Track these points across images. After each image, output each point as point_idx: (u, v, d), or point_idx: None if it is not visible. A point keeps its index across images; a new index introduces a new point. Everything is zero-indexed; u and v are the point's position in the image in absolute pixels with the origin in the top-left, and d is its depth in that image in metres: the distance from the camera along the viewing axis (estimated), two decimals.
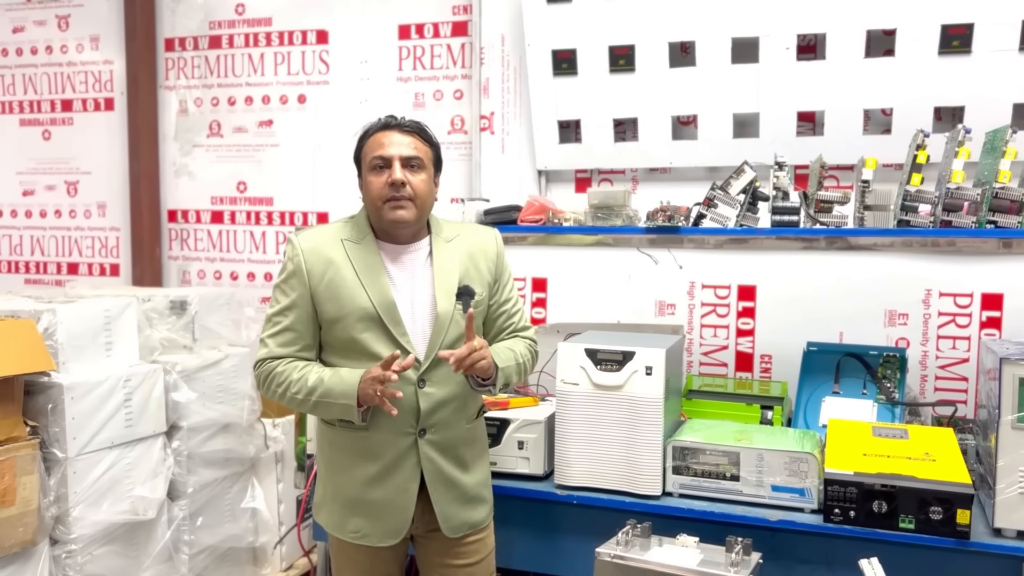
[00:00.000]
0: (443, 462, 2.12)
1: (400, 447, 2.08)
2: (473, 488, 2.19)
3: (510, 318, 2.25)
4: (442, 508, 2.13)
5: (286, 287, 2.09)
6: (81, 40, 4.53)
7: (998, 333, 3.09)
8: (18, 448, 2.61)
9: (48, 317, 2.78)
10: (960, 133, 2.38)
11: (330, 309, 2.06)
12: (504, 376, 2.11)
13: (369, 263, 2.08)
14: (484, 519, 2.24)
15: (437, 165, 2.16)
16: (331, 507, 2.17)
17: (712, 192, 2.57)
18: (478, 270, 2.16)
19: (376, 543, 2.12)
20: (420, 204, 2.08)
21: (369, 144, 2.10)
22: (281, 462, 3.75)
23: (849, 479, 2.19)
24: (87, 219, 4.62)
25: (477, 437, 2.26)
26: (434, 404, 2.08)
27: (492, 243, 2.24)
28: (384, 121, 2.11)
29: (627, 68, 3.35)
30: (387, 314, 2.04)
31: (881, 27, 3.05)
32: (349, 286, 2.05)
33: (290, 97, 4.17)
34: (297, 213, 4.21)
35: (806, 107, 3.19)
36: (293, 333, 2.08)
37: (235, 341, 3.58)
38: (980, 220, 2.32)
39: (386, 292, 2.06)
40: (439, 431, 2.11)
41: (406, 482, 2.09)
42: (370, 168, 2.09)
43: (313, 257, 2.08)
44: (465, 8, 3.80)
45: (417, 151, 2.07)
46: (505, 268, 2.26)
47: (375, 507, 2.10)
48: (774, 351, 3.35)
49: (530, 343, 2.27)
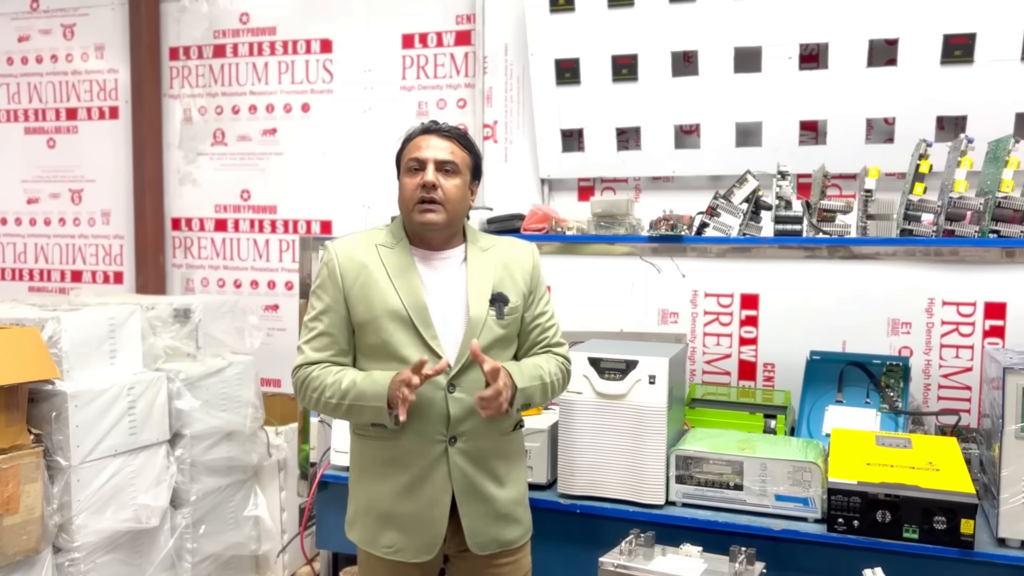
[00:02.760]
0: (474, 473, 2.05)
1: (430, 455, 2.03)
2: (506, 505, 2.10)
3: (544, 332, 2.18)
4: (471, 522, 2.05)
5: (321, 292, 2.09)
6: (86, 49, 4.55)
7: (1001, 342, 3.09)
8: (22, 456, 2.62)
9: (52, 325, 2.79)
10: (963, 143, 2.38)
11: (361, 311, 2.05)
12: (525, 397, 2.03)
13: (402, 266, 2.07)
14: (517, 539, 2.14)
15: (475, 173, 2.14)
16: (363, 521, 2.12)
17: (715, 201, 2.57)
18: (513, 280, 2.12)
19: (409, 559, 2.05)
20: (451, 209, 2.05)
21: (408, 148, 2.10)
22: (284, 470, 3.75)
23: (853, 488, 2.19)
24: (91, 227, 4.63)
25: (513, 452, 2.16)
26: (464, 410, 2.02)
27: (529, 256, 2.19)
28: (425, 126, 2.11)
29: (630, 77, 3.36)
30: (418, 316, 2.02)
31: (883, 36, 3.05)
32: (381, 288, 2.04)
33: (294, 106, 4.19)
34: (301, 221, 4.21)
35: (809, 116, 3.20)
36: (328, 338, 2.07)
37: (238, 349, 3.58)
38: (983, 229, 2.32)
39: (418, 294, 2.04)
40: (470, 440, 2.04)
41: (437, 494, 2.03)
42: (406, 170, 2.08)
43: (347, 261, 2.07)
44: (468, 17, 3.82)
45: (453, 156, 2.05)
46: (541, 282, 2.21)
47: (407, 520, 2.05)
48: (777, 360, 3.35)
49: (563, 361, 2.18)
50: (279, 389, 4.17)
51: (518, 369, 2.05)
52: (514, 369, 2.03)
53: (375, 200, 4.00)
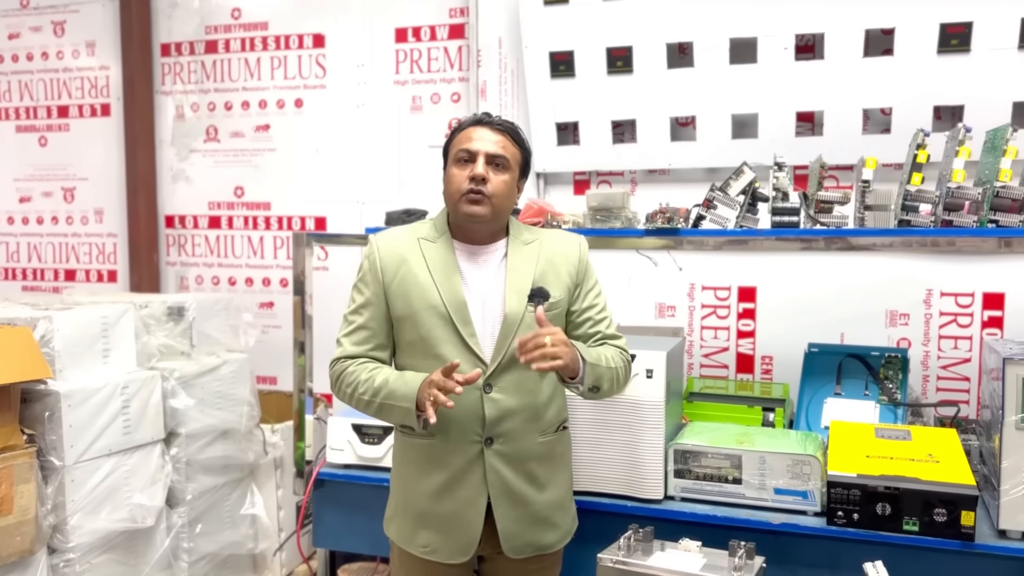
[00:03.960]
0: (511, 476, 2.02)
1: (466, 456, 2.01)
2: (544, 509, 2.08)
3: (596, 325, 2.11)
4: (505, 526, 2.03)
5: (361, 285, 2.08)
6: (77, 46, 4.52)
7: (1000, 333, 3.08)
8: (15, 457, 2.60)
9: (45, 324, 2.76)
10: (960, 132, 2.37)
11: (400, 305, 2.03)
12: (594, 374, 1.95)
13: (443, 261, 2.03)
14: (553, 544, 2.12)
15: (524, 170, 2.10)
16: (401, 519, 2.11)
17: (711, 193, 2.56)
18: (557, 274, 2.08)
19: (445, 559, 2.04)
20: (497, 204, 2.01)
21: (459, 138, 2.05)
22: (280, 468, 3.73)
23: (852, 481, 2.18)
24: (84, 225, 4.60)
25: (555, 453, 2.13)
26: (501, 412, 2.00)
27: (575, 248, 2.14)
28: (478, 117, 2.06)
29: (625, 69, 3.34)
30: (457, 313, 1.99)
31: (880, 26, 3.04)
32: (421, 283, 2.01)
33: (287, 101, 4.16)
34: (295, 218, 4.19)
35: (805, 107, 3.18)
36: (367, 331, 2.05)
37: (233, 347, 3.57)
38: (981, 219, 2.30)
39: (457, 291, 2.01)
40: (507, 442, 2.02)
41: (473, 495, 2.02)
42: (455, 160, 2.03)
43: (388, 255, 2.05)
44: (462, 11, 3.79)
45: (504, 151, 2.01)
46: (590, 274, 2.16)
47: (443, 521, 2.03)
48: (775, 353, 3.34)
49: (622, 351, 2.10)
50: (274, 387, 4.15)
51: (583, 347, 1.99)
52: (580, 346, 1.98)
53: (370, 195, 3.97)
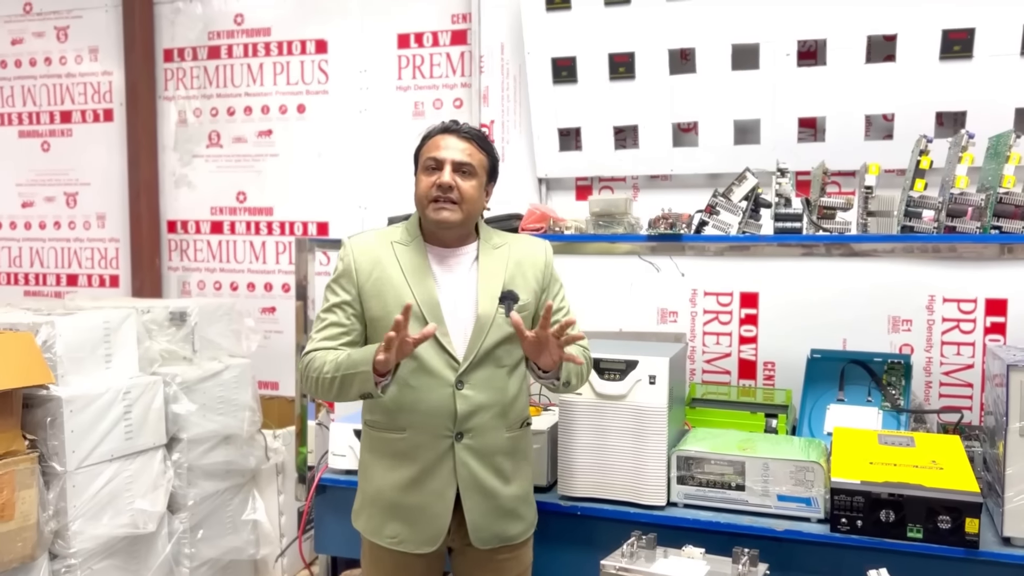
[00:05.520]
0: (480, 469, 2.09)
1: (436, 451, 2.07)
2: (510, 501, 2.15)
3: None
4: (474, 518, 2.10)
5: (335, 286, 2.14)
6: (80, 51, 4.53)
7: (1003, 339, 3.08)
8: (16, 462, 2.60)
9: (47, 330, 2.76)
10: (963, 138, 2.36)
11: (375, 306, 2.09)
12: (567, 369, 2.07)
13: (416, 264, 2.11)
14: (519, 535, 2.18)
15: (492, 175, 2.18)
16: (369, 511, 2.16)
17: (714, 199, 2.55)
18: (524, 278, 2.16)
19: (412, 549, 2.10)
20: (466, 209, 2.09)
21: (427, 145, 2.13)
22: (282, 473, 3.73)
23: (856, 488, 2.17)
24: (86, 230, 4.60)
25: (519, 449, 2.21)
26: (472, 407, 2.07)
27: (542, 253, 2.24)
28: (445, 125, 2.15)
29: (627, 75, 3.34)
30: (430, 314, 2.06)
31: (882, 32, 3.04)
32: (395, 285, 2.08)
33: (289, 107, 4.16)
34: (297, 223, 4.19)
35: (807, 113, 3.18)
36: (339, 328, 2.10)
37: (235, 352, 3.56)
38: (984, 225, 2.30)
39: (431, 292, 2.08)
40: (476, 436, 2.09)
41: (442, 487, 2.08)
42: (423, 168, 2.12)
43: (362, 257, 2.12)
44: (464, 17, 3.80)
45: (471, 158, 2.09)
46: (555, 278, 2.26)
47: (412, 512, 2.10)
48: (777, 358, 3.33)
49: (585, 350, 2.21)
50: (277, 392, 4.15)
51: None
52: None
53: (372, 201, 3.98)
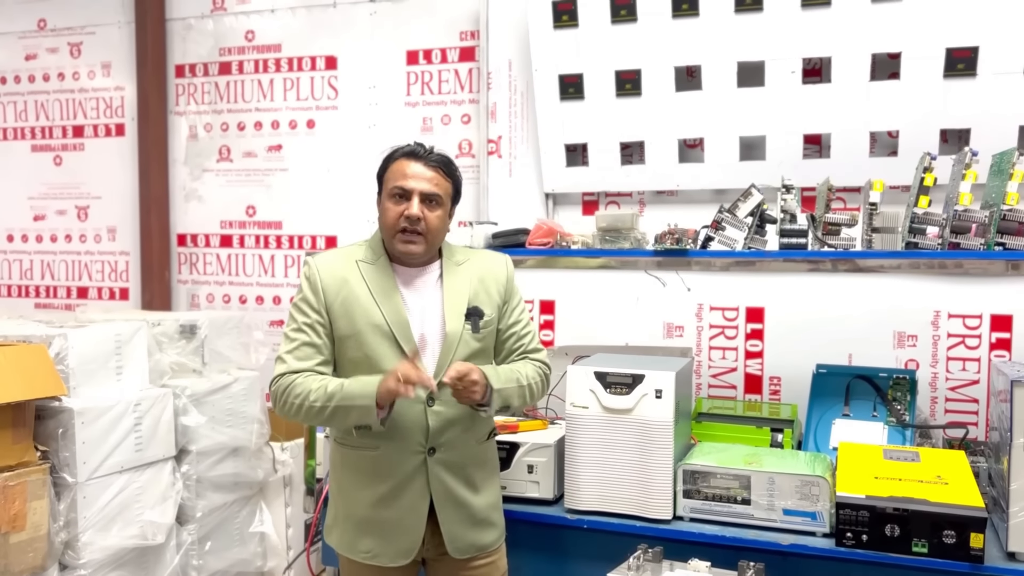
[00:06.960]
0: (452, 482, 2.13)
1: (410, 466, 2.10)
2: (482, 510, 2.19)
3: (519, 340, 2.26)
4: (449, 528, 2.13)
5: (303, 305, 2.14)
6: (93, 67, 4.59)
7: (1008, 355, 3.08)
8: (28, 473, 2.62)
9: (59, 342, 2.79)
10: (967, 155, 2.38)
11: (343, 325, 2.11)
12: (502, 398, 2.11)
13: (383, 284, 2.13)
14: (493, 543, 2.23)
15: (455, 198, 2.21)
16: (343, 527, 2.18)
17: (720, 215, 2.57)
18: (488, 293, 2.20)
19: (387, 563, 2.12)
20: (431, 239, 2.14)
21: (393, 170, 2.15)
22: (290, 486, 3.74)
23: (861, 503, 2.18)
24: (97, 243, 4.65)
25: (488, 459, 2.27)
26: (443, 423, 2.10)
27: (502, 267, 2.28)
28: (412, 148, 2.15)
29: (634, 92, 3.37)
30: (400, 332, 2.09)
31: (886, 51, 3.06)
32: (363, 304, 2.10)
33: (299, 122, 4.21)
34: (306, 237, 4.23)
35: (812, 130, 3.21)
36: (311, 348, 2.12)
37: (244, 365, 3.58)
38: (988, 242, 2.32)
39: (399, 310, 2.11)
40: (448, 450, 2.12)
41: (416, 501, 2.11)
42: (389, 195, 2.14)
43: (328, 276, 2.14)
44: (472, 34, 3.84)
45: (438, 188, 2.12)
46: (515, 292, 2.29)
47: (386, 527, 2.12)
48: (783, 373, 3.34)
49: (540, 365, 2.27)
50: None
51: (494, 371, 2.12)
52: (490, 371, 2.10)
53: None
